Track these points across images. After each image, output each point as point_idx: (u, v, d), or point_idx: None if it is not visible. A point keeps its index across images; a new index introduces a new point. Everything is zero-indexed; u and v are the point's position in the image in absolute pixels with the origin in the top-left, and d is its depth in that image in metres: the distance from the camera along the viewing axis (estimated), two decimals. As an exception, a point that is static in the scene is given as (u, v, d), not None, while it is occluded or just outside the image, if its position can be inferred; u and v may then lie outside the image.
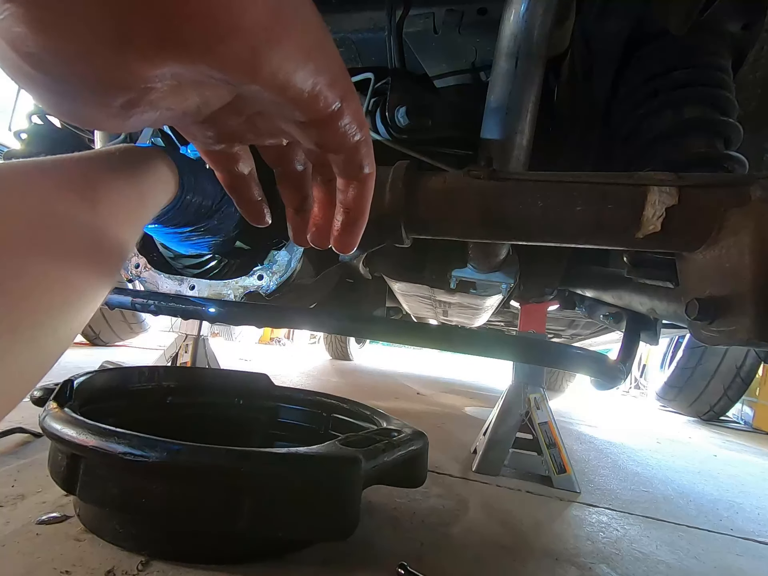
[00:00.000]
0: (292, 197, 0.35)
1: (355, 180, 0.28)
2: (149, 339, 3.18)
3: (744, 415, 3.54)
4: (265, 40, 0.18)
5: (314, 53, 0.20)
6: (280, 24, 0.18)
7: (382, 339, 0.62)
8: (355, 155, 0.26)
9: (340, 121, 0.23)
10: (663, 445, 2.02)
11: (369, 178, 0.28)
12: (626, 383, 4.97)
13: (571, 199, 0.49)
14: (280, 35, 0.18)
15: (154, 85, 0.18)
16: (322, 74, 0.21)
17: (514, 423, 1.13)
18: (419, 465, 0.68)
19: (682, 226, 0.47)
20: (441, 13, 0.65)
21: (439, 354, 7.15)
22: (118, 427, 0.52)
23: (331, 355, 4.15)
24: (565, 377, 3.66)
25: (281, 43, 0.18)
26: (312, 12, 0.20)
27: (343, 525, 0.54)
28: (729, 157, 0.55)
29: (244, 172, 0.33)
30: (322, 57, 0.21)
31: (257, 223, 0.37)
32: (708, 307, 0.45)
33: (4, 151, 0.96)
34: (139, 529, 0.56)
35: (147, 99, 0.19)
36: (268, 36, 0.18)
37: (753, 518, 1.13)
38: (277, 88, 0.20)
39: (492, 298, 1.10)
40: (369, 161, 0.27)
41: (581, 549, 0.77)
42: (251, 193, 0.34)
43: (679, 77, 0.61)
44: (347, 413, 0.91)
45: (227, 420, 0.92)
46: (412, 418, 1.65)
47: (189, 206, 0.43)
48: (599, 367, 0.57)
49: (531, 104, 0.58)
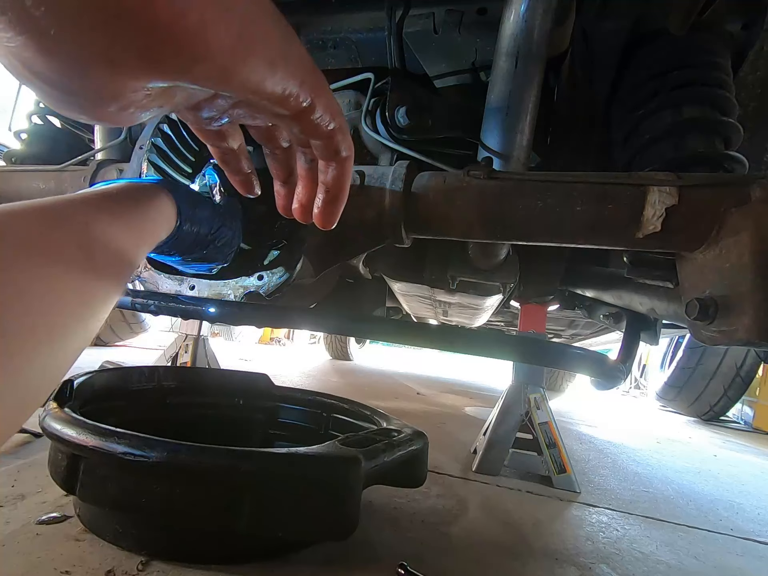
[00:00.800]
0: (279, 171, 0.38)
1: (333, 162, 0.32)
2: (149, 339, 3.18)
3: (744, 415, 3.54)
4: (232, 59, 0.21)
5: (279, 62, 0.24)
6: (244, 44, 0.22)
7: (382, 339, 0.62)
8: (331, 141, 0.30)
9: (312, 115, 0.27)
10: (663, 445, 2.02)
11: (347, 161, 0.32)
12: (626, 383, 4.97)
13: (571, 199, 0.49)
14: (245, 54, 0.22)
15: (143, 92, 0.22)
16: (290, 78, 0.25)
17: (514, 423, 1.13)
18: (419, 465, 0.68)
19: (682, 226, 0.47)
20: (441, 13, 0.66)
21: (439, 354, 7.15)
22: (118, 427, 0.52)
23: (331, 355, 4.15)
24: (565, 377, 3.65)
25: (246, 60, 0.22)
26: (275, 26, 0.24)
27: (343, 525, 0.54)
28: (729, 157, 0.55)
29: (233, 147, 0.36)
30: (287, 65, 0.24)
31: (247, 193, 0.40)
32: (708, 307, 0.45)
33: (4, 151, 0.96)
34: (139, 529, 0.56)
35: (138, 103, 0.22)
36: (234, 56, 0.21)
37: (753, 518, 1.13)
38: (249, 93, 0.24)
39: (492, 298, 1.10)
40: (345, 146, 0.31)
41: (581, 549, 0.77)
42: (241, 165, 0.38)
43: (678, 77, 0.61)
44: (347, 413, 0.91)
45: (227, 420, 0.92)
46: (412, 418, 1.65)
47: (187, 236, 0.45)
48: (599, 367, 0.57)
49: (531, 104, 0.58)
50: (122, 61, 0.19)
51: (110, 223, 0.30)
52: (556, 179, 0.50)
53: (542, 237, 0.53)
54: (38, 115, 0.98)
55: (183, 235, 0.44)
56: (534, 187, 0.51)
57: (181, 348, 1.60)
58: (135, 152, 0.64)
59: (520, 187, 0.51)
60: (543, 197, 0.50)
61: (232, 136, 0.35)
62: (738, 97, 0.61)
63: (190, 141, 0.62)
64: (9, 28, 0.17)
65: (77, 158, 0.75)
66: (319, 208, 0.34)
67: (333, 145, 0.30)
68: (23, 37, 0.18)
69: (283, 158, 0.37)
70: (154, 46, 0.19)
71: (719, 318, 0.44)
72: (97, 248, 0.28)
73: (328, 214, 0.35)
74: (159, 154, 0.60)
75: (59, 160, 0.75)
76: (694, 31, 0.60)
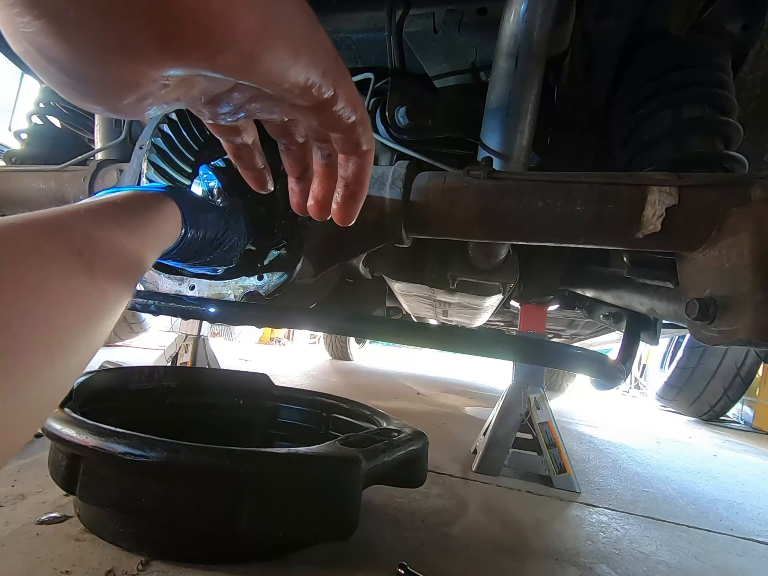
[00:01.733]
0: (294, 167, 0.37)
1: (353, 156, 0.30)
2: (149, 339, 3.18)
3: (744, 415, 3.54)
4: (256, 47, 0.20)
5: (303, 51, 0.23)
6: (269, 32, 0.21)
7: (382, 339, 0.62)
8: (351, 134, 0.29)
9: (335, 106, 0.26)
10: (663, 445, 2.02)
11: (367, 154, 0.31)
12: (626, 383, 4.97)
13: (571, 199, 0.49)
14: (270, 41, 0.21)
15: (161, 82, 0.21)
16: (313, 68, 0.23)
17: (514, 423, 1.13)
18: (419, 465, 0.68)
19: (682, 226, 0.47)
20: (441, 13, 0.65)
21: (439, 354, 7.15)
22: (118, 427, 0.52)
23: (331, 355, 4.15)
24: (565, 377, 3.65)
25: (271, 48, 0.21)
26: (299, 13, 0.23)
27: (343, 525, 0.54)
28: (729, 157, 0.55)
29: (247, 143, 0.35)
30: (311, 53, 0.23)
31: (261, 189, 0.39)
32: (708, 307, 0.45)
33: (4, 152, 0.96)
34: (139, 529, 0.56)
35: (156, 93, 0.22)
36: (259, 44, 0.20)
37: (753, 518, 1.13)
38: (271, 83, 0.23)
39: (492, 298, 1.10)
40: (366, 138, 0.30)
41: (581, 549, 0.77)
42: (255, 161, 0.37)
43: (679, 77, 0.61)
44: (347, 413, 0.91)
45: (227, 420, 0.92)
46: (412, 418, 1.65)
47: (192, 242, 0.45)
48: (599, 367, 0.57)
49: (531, 104, 0.58)
50: (144, 47, 0.18)
51: (113, 231, 0.30)
52: (556, 179, 0.50)
53: (542, 237, 0.53)
54: (38, 115, 0.98)
55: (189, 242, 0.44)
56: (534, 187, 0.51)
57: (181, 348, 1.60)
58: (135, 152, 0.64)
59: (520, 187, 0.51)
60: (543, 197, 0.50)
61: (246, 131, 0.35)
62: (738, 97, 0.61)
63: (190, 141, 0.62)
64: (26, 11, 0.17)
65: (77, 158, 0.75)
66: (339, 204, 0.33)
67: (354, 138, 0.29)
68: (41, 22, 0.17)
69: (298, 154, 0.36)
70: (179, 31, 0.18)
71: (719, 318, 0.44)
72: (98, 257, 0.27)
73: (348, 210, 0.33)
74: (159, 154, 0.60)
75: (59, 160, 0.75)
76: (694, 31, 0.60)
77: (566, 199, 0.49)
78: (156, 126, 0.61)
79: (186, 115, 0.62)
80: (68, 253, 0.25)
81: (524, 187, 0.51)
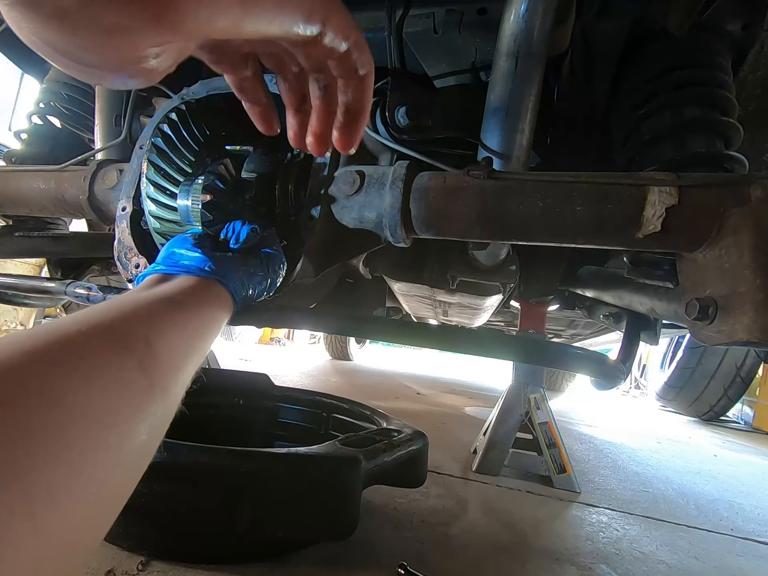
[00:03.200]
0: (292, 97, 0.37)
1: (352, 80, 0.31)
2: (149, 339, 3.17)
3: (744, 415, 3.55)
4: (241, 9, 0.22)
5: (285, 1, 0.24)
6: None
7: (382, 339, 0.62)
8: (347, 60, 0.29)
9: (325, 38, 0.27)
10: (663, 445, 2.02)
11: (367, 77, 0.31)
12: (626, 383, 4.97)
13: (571, 199, 0.49)
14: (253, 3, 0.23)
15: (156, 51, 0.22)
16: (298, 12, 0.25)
17: (514, 423, 1.13)
18: (419, 465, 0.68)
19: (682, 226, 0.47)
20: (441, 13, 0.65)
21: (439, 354, 7.15)
22: (118, 427, 0.52)
23: (331, 355, 4.15)
24: (565, 377, 3.65)
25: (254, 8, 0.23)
26: None
27: (343, 525, 0.54)
28: (729, 157, 0.55)
29: (248, 74, 0.35)
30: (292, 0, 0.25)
31: (267, 129, 0.38)
32: (708, 307, 0.45)
33: (4, 152, 0.96)
34: (139, 529, 0.56)
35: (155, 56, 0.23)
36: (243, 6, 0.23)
37: (753, 518, 1.13)
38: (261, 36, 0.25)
39: (492, 298, 1.10)
40: (362, 62, 0.30)
41: (581, 549, 0.77)
42: (259, 94, 0.37)
43: (679, 77, 0.61)
44: (347, 413, 0.91)
45: (227, 420, 0.92)
46: (412, 418, 1.65)
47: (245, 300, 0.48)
48: (599, 367, 0.57)
49: (531, 104, 0.58)
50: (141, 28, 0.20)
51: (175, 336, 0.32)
52: (556, 179, 0.50)
53: (542, 237, 0.53)
54: (38, 115, 0.98)
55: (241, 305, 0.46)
56: (534, 187, 0.51)
57: (181, 348, 1.59)
58: (135, 152, 0.64)
59: (520, 187, 0.51)
60: (543, 197, 0.50)
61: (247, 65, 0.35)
62: (738, 97, 0.61)
63: (190, 141, 0.62)
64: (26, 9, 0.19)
65: (77, 158, 0.74)
66: (339, 130, 0.34)
67: (350, 63, 0.30)
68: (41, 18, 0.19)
69: (295, 83, 0.36)
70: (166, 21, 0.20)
71: (719, 318, 0.44)
72: (158, 373, 0.28)
73: (349, 136, 0.34)
74: (159, 154, 0.60)
75: (59, 160, 0.75)
76: (694, 31, 0.60)
77: (566, 199, 0.49)
78: (156, 126, 0.61)
79: (186, 115, 0.62)
80: (131, 367, 0.26)
81: (524, 187, 0.51)
